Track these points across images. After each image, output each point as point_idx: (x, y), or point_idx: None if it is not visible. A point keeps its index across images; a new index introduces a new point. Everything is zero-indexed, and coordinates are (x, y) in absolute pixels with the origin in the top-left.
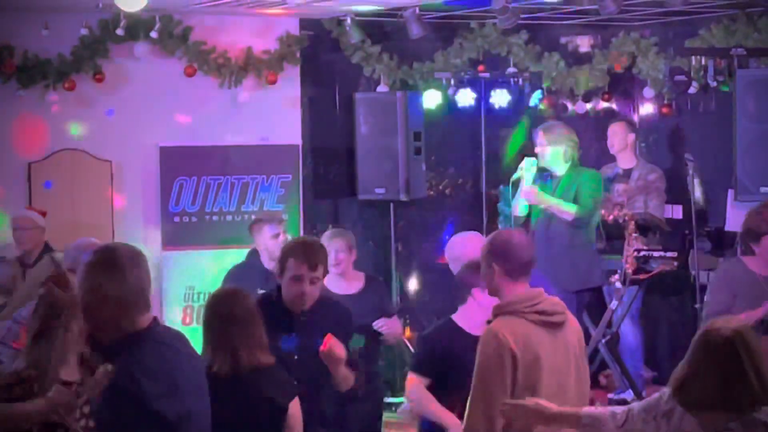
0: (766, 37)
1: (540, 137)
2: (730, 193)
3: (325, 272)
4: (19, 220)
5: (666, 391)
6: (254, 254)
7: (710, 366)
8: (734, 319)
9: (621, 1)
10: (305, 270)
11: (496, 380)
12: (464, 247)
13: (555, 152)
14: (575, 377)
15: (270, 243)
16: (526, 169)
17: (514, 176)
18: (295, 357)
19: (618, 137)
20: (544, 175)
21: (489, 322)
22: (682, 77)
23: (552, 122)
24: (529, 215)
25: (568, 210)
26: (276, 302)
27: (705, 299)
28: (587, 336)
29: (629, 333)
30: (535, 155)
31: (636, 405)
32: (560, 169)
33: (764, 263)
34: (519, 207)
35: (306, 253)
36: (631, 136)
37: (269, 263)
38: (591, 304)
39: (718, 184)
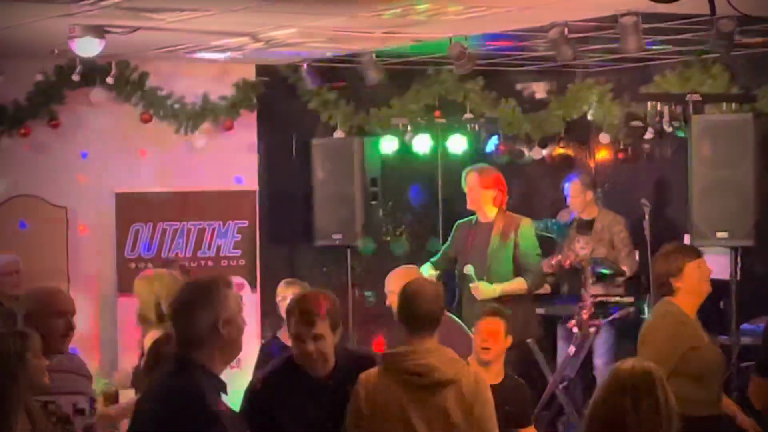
0: (721, 83)
1: (473, 179)
2: (686, 238)
3: (334, 326)
4: (11, 264)
5: None
6: None
7: (599, 405)
8: (645, 362)
9: (577, 47)
10: (302, 328)
11: (351, 425)
12: (396, 280)
13: (486, 196)
14: None
15: None
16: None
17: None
18: (329, 425)
19: (578, 200)
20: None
21: None
22: (638, 123)
23: (484, 165)
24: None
25: (520, 287)
26: (297, 368)
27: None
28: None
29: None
30: None
31: None
32: (489, 214)
33: (690, 299)
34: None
35: (301, 309)
36: (590, 194)
37: None
38: (546, 348)
39: (674, 229)
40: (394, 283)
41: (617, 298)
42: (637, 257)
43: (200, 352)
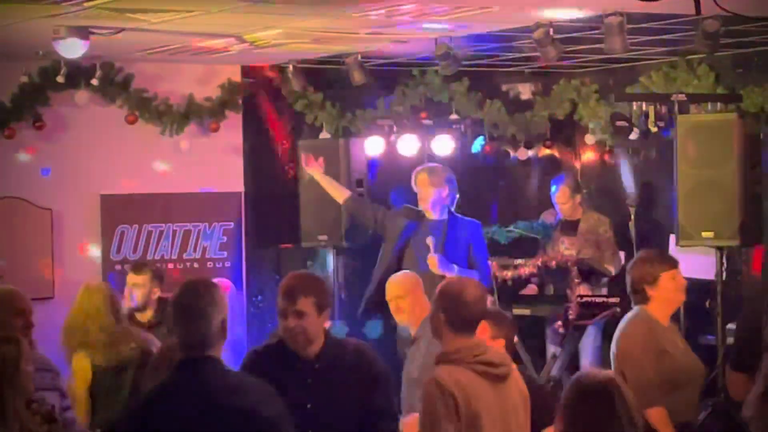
0: (706, 83)
1: (423, 178)
2: (672, 238)
3: (320, 307)
4: None
5: None
6: None
7: (581, 414)
8: (604, 371)
9: (562, 47)
10: (285, 303)
11: (444, 427)
12: (397, 286)
13: (437, 195)
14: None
15: None
16: None
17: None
18: (308, 406)
19: (567, 205)
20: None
21: None
22: (624, 123)
23: (435, 164)
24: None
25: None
26: (286, 348)
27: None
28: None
29: None
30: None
31: None
32: (440, 213)
33: (663, 308)
34: None
35: (286, 285)
36: (578, 198)
37: None
38: (534, 349)
39: (660, 229)
40: (398, 288)
41: (603, 299)
42: (622, 258)
43: (211, 350)
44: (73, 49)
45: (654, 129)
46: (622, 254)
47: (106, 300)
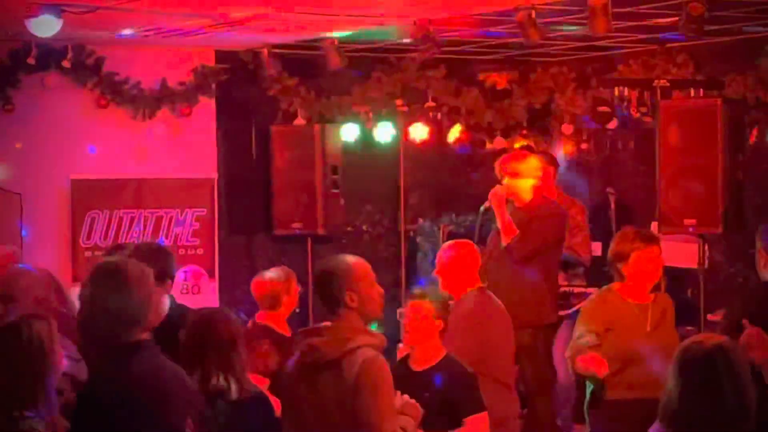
0: (685, 71)
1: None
2: (654, 225)
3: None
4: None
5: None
6: None
7: (688, 385)
8: (715, 336)
9: (544, 31)
10: None
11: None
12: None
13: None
14: (336, 425)
15: None
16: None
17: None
18: None
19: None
20: None
21: None
22: (606, 108)
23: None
24: None
25: None
26: None
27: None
28: None
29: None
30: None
31: None
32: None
33: (636, 287)
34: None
35: None
36: (551, 169)
37: None
38: None
39: (641, 217)
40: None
41: (581, 289)
42: (594, 246)
43: None
44: (46, 27)
45: (636, 114)
46: (598, 245)
47: None
